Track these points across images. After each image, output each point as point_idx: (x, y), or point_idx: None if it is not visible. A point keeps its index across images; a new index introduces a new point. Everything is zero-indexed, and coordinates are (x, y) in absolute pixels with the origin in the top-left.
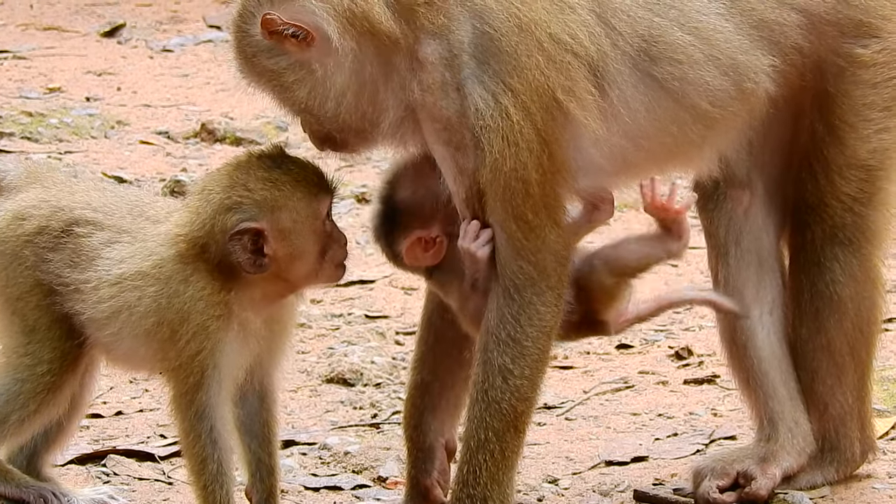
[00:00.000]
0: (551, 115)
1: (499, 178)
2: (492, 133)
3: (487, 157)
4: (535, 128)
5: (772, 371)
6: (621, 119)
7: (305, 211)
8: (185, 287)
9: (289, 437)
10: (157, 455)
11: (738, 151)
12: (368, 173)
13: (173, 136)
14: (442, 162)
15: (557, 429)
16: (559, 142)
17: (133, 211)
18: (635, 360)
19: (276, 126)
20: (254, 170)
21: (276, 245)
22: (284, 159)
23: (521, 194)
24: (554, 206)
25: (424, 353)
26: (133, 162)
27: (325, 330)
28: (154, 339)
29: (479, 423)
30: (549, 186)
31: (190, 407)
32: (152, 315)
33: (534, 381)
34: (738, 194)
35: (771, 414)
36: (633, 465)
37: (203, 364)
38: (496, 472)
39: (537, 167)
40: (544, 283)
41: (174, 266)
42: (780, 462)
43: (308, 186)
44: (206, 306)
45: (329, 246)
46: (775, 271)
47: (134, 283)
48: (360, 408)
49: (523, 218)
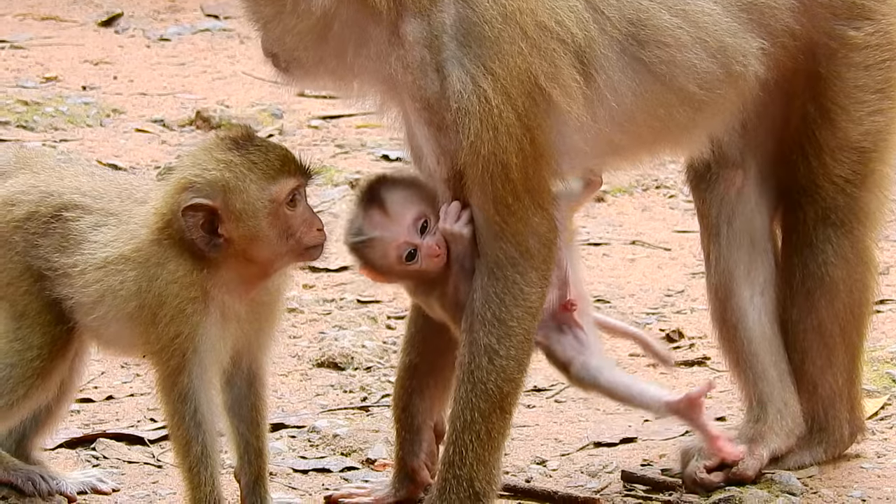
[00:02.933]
0: (533, 101)
1: (477, 161)
2: (470, 116)
3: (466, 140)
4: (515, 113)
5: (762, 352)
6: (607, 104)
7: (258, 194)
8: (161, 270)
9: (278, 421)
10: (146, 438)
11: (729, 133)
12: (363, 159)
13: (169, 124)
14: (423, 141)
15: (547, 411)
16: (542, 127)
17: (122, 194)
18: (626, 342)
19: (272, 114)
20: (214, 151)
21: (231, 226)
22: (249, 142)
23: (500, 178)
24: (537, 190)
25: (414, 335)
26: (128, 150)
27: (316, 314)
28: (137, 323)
29: (465, 404)
30: (532, 171)
31: (173, 390)
32: (134, 298)
33: (520, 361)
34: (730, 175)
35: (760, 395)
36: (621, 447)
37: (183, 347)
38: (482, 453)
39: (518, 152)
40: (528, 264)
41: (151, 248)
42: (768, 443)
43: (264, 170)
44: (180, 289)
45: (293, 230)
46: (767, 252)
47: (117, 266)
48: (350, 391)
49: (503, 202)
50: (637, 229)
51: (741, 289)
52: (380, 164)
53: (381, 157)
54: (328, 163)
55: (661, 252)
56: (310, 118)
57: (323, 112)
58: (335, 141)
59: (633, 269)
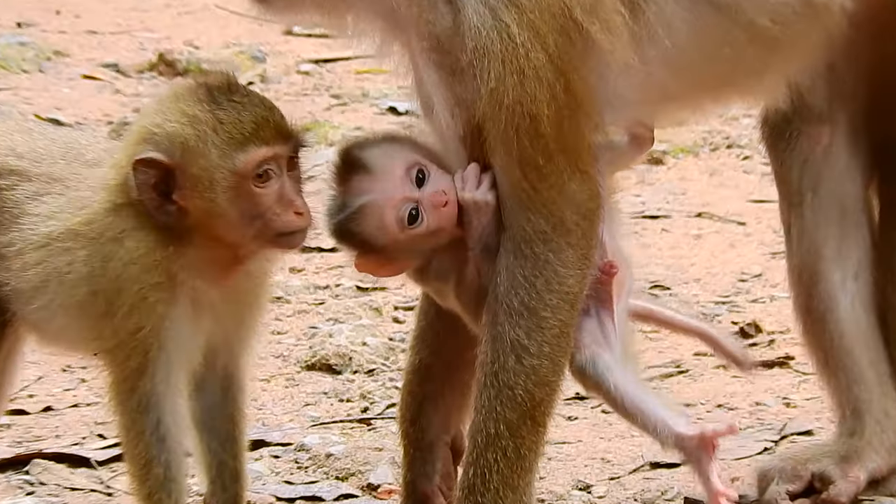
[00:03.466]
0: (568, 39)
1: (500, 112)
2: (490, 57)
3: (485, 87)
4: (546, 53)
5: (857, 349)
6: (660, 43)
7: (218, 162)
8: (118, 248)
9: (258, 437)
10: (93, 460)
11: (813, 79)
12: (364, 113)
13: (124, 70)
14: (434, 89)
15: (592, 424)
16: (578, 71)
17: (69, 155)
18: (690, 340)
19: (252, 57)
20: (183, 100)
21: (187, 193)
22: (226, 94)
23: (529, 134)
24: (575, 150)
25: (425, 330)
26: (74, 101)
27: (306, 305)
28: (88, 314)
29: (488, 414)
30: (567, 125)
31: (131, 397)
32: (84, 283)
33: (555, 360)
34: (815, 131)
35: (855, 402)
36: (684, 468)
37: (145, 344)
38: (510, 476)
39: (549, 101)
40: (564, 240)
41: (106, 221)
42: (865, 462)
43: (231, 133)
44: (141, 271)
45: (262, 210)
46: (862, 225)
47: (63, 244)
48: (348, 400)
49: (532, 163)
50: (704, 199)
51: (830, 271)
52: (385, 118)
53: (387, 109)
54: (322, 116)
55: (733, 227)
56: (298, 62)
57: (315, 54)
58: (330, 90)
59: (699, 247)
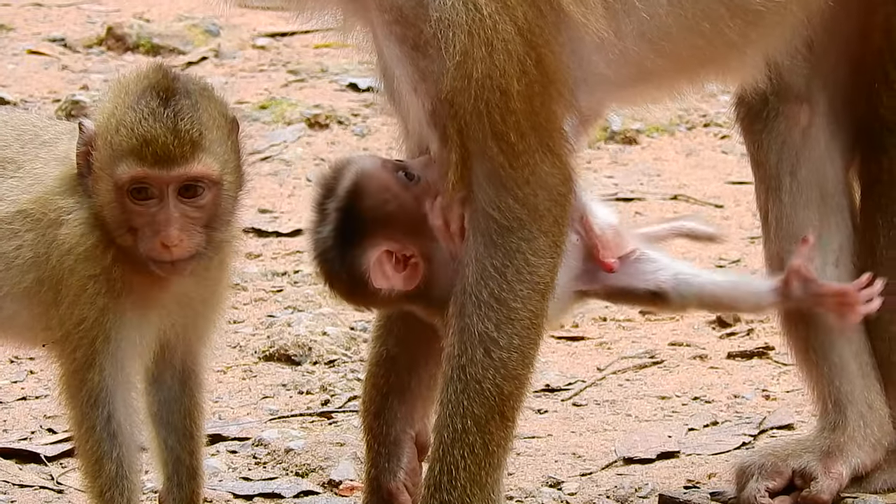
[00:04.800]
0: (538, 11)
1: (469, 87)
2: (455, 29)
3: (451, 59)
4: (515, 25)
5: (838, 340)
6: (636, 15)
7: (107, 163)
8: (60, 231)
9: (215, 431)
10: (43, 455)
11: (792, 56)
12: (324, 89)
13: (71, 45)
14: (397, 64)
15: (563, 417)
16: (550, 45)
17: (23, 136)
18: (665, 328)
19: (205, 30)
20: (128, 85)
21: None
22: (155, 100)
23: (500, 109)
24: (547, 129)
25: (390, 318)
26: (18, 78)
27: (263, 292)
28: (36, 302)
29: (454, 410)
30: (540, 102)
31: (81, 390)
32: (32, 269)
33: (525, 353)
34: (794, 111)
35: (837, 395)
36: (658, 464)
37: (90, 336)
38: (478, 472)
39: (520, 75)
40: (535, 227)
41: (55, 201)
42: (847, 457)
43: (124, 142)
44: (76, 262)
45: (134, 227)
46: (843, 210)
47: (12, 226)
48: (308, 392)
49: (505, 139)
50: (680, 180)
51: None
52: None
53: (347, 86)
54: (279, 94)
55: (710, 210)
56: (254, 36)
57: (272, 27)
58: (287, 65)
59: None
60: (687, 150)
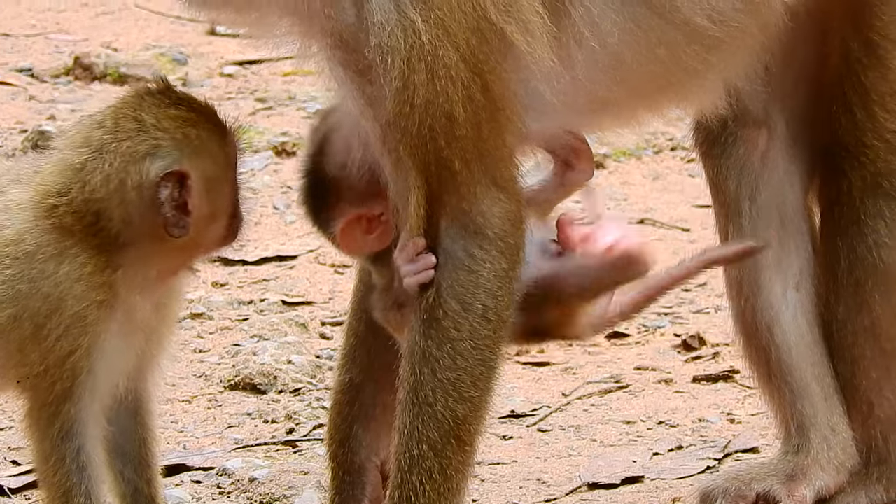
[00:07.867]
0: (483, 39)
1: (412, 111)
2: (394, 55)
3: (389, 86)
4: (457, 52)
5: (801, 363)
6: (586, 44)
7: (225, 158)
8: (58, 266)
9: (178, 461)
10: (6, 487)
11: (750, 80)
12: (291, 117)
13: (38, 75)
14: (344, 88)
15: (527, 443)
16: (496, 72)
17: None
18: (631, 352)
19: (173, 59)
20: (155, 107)
21: (200, 200)
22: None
23: (445, 134)
24: (494, 158)
25: (355, 346)
26: None
27: (229, 321)
28: (10, 339)
29: (410, 435)
30: (487, 129)
31: (53, 423)
32: (8, 306)
33: (474, 375)
34: (752, 135)
35: (801, 418)
36: (623, 489)
37: (76, 367)
38: (437, 499)
39: (466, 101)
40: (480, 255)
41: (40, 239)
42: (811, 480)
43: (221, 128)
44: (86, 289)
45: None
46: (802, 233)
47: None
48: (273, 421)
49: (448, 167)
50: (646, 204)
51: (771, 282)
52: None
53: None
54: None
55: (677, 233)
56: (222, 64)
57: (240, 55)
58: (255, 93)
59: None
60: (654, 173)
